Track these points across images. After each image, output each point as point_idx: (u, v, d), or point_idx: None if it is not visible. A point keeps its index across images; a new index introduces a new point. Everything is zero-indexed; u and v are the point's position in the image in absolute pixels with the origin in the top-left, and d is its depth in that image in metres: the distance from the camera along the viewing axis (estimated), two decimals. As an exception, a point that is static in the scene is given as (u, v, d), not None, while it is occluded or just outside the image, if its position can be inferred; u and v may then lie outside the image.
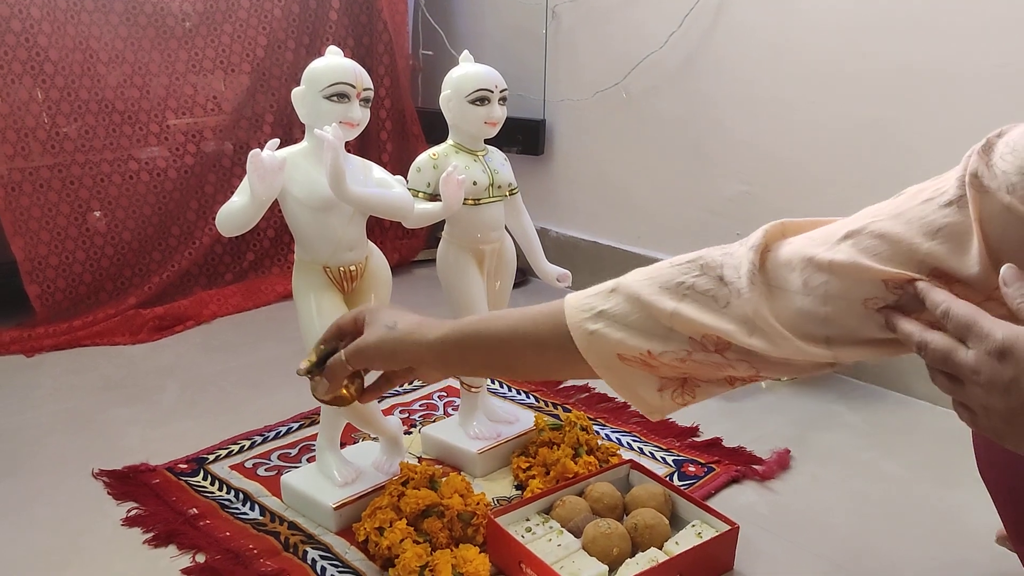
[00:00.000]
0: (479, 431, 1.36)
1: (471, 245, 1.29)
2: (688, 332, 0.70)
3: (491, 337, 0.81)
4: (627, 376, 0.75)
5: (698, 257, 0.72)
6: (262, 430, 1.46)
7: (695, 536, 1.10)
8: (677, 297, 0.70)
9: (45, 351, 1.82)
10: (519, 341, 0.79)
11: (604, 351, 0.74)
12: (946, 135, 1.51)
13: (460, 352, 0.82)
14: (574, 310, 0.76)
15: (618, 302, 0.74)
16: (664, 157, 1.98)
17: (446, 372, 0.87)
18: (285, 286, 2.17)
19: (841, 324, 0.65)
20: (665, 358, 0.71)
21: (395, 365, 0.87)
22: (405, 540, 1.07)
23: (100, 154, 1.95)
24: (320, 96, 1.09)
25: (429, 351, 0.82)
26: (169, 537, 1.16)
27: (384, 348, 0.83)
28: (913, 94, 1.54)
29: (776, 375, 0.72)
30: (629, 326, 0.72)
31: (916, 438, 1.48)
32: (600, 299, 0.75)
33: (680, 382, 0.75)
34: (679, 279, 0.71)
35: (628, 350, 0.73)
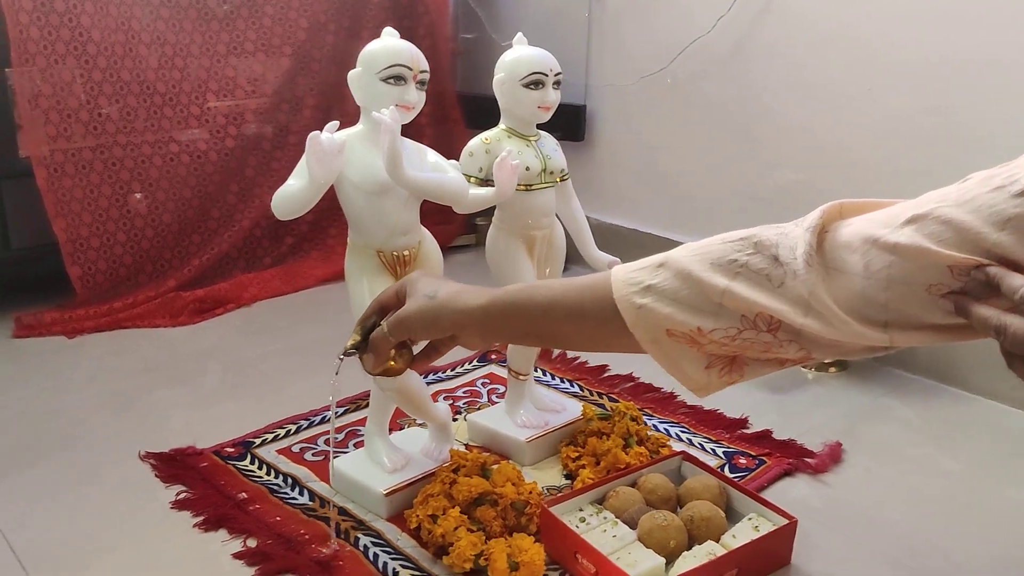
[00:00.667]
0: (527, 419, 1.35)
1: (522, 231, 1.27)
2: (739, 310, 0.69)
3: (534, 306, 0.79)
4: (674, 352, 0.74)
5: (751, 235, 0.71)
6: (307, 414, 1.46)
7: (752, 530, 1.08)
8: (729, 275, 0.69)
9: (86, 333, 1.82)
10: (562, 311, 0.78)
11: (652, 326, 0.72)
12: (1008, 125, 1.48)
13: (503, 320, 0.81)
14: (621, 283, 0.74)
15: (667, 277, 0.72)
16: (711, 144, 1.95)
17: (487, 340, 0.84)
18: (324, 270, 2.17)
19: (902, 309, 0.63)
20: (714, 336, 0.70)
21: (437, 334, 0.85)
22: (459, 528, 1.06)
23: (141, 136, 1.94)
24: (376, 78, 1.07)
25: (470, 319, 0.81)
26: (219, 521, 1.16)
27: (425, 317, 0.82)
28: (974, 82, 1.50)
29: (826, 356, 0.71)
30: (679, 302, 0.71)
31: (972, 433, 1.45)
32: (647, 273, 0.74)
33: (728, 360, 0.74)
34: (731, 256, 0.70)
35: (677, 326, 0.71)
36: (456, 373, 1.64)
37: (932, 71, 1.56)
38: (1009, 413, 1.51)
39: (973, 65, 1.50)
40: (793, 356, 0.71)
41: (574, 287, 0.78)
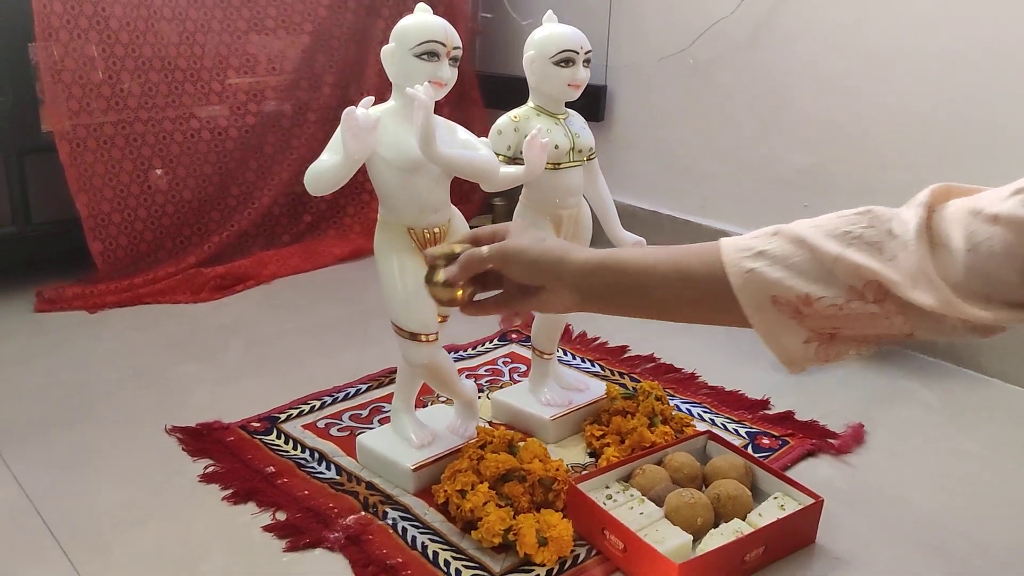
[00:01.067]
0: (551, 398, 1.35)
1: (549, 210, 1.28)
2: (850, 278, 0.68)
3: (636, 265, 0.77)
4: (775, 322, 0.72)
5: (867, 210, 0.71)
6: (331, 391, 1.46)
7: (778, 508, 1.09)
8: (843, 244, 0.69)
9: (108, 308, 1.83)
10: (666, 274, 0.76)
11: (759, 290, 0.71)
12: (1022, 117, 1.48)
13: (600, 277, 0.79)
14: (732, 248, 0.73)
15: (780, 244, 0.72)
16: (730, 126, 1.95)
17: (579, 299, 0.81)
18: (342, 248, 2.17)
19: (1004, 283, 0.63)
20: (821, 304, 0.70)
21: (532, 277, 0.82)
22: (488, 503, 1.06)
23: (162, 112, 1.94)
24: (410, 54, 1.07)
25: (570, 271, 0.79)
26: (248, 495, 1.17)
27: (530, 254, 0.80)
28: (990, 71, 1.50)
29: (928, 335, 0.70)
30: (790, 267, 0.70)
31: (991, 416, 1.45)
32: (761, 240, 0.73)
33: (827, 337, 0.73)
34: (846, 228, 0.70)
35: (785, 291, 0.70)
36: (477, 352, 1.64)
37: (949, 60, 1.55)
38: (1027, 396, 1.52)
39: (990, 54, 1.50)
40: (896, 331, 0.70)
41: (679, 250, 0.77)
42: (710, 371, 1.57)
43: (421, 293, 1.11)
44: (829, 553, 1.08)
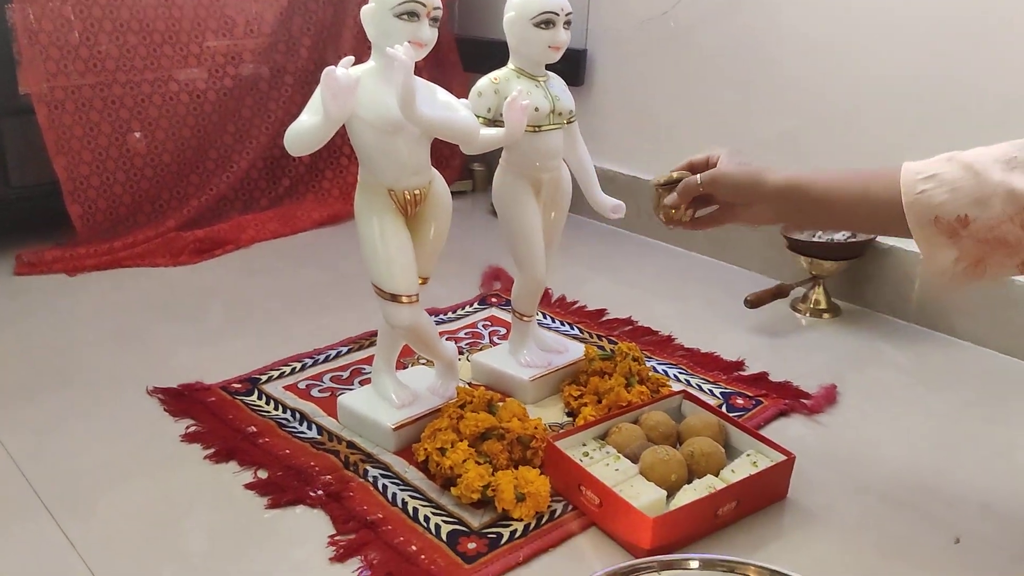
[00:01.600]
0: (530, 359, 1.37)
1: (529, 173, 1.28)
2: (1005, 204, 0.79)
3: (823, 188, 0.93)
4: (933, 239, 0.85)
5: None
6: (312, 353, 1.48)
7: (751, 465, 1.12)
8: (1008, 169, 0.80)
9: (87, 271, 1.83)
10: (850, 195, 0.91)
11: (925, 211, 0.84)
12: (1004, 80, 1.49)
13: (792, 197, 0.95)
14: (910, 172, 0.86)
15: (952, 168, 0.83)
16: (710, 91, 1.96)
17: (775, 214, 1.00)
18: (321, 212, 2.17)
19: None
20: (975, 226, 0.81)
21: (736, 197, 1.00)
22: (467, 460, 1.08)
23: (141, 74, 1.93)
24: (390, 14, 1.07)
25: (766, 192, 0.97)
26: (230, 454, 1.18)
27: (737, 179, 0.99)
28: (970, 37, 1.51)
29: None
30: (955, 190, 0.82)
31: (962, 376, 1.48)
32: (937, 164, 0.85)
33: (975, 260, 0.85)
34: (1014, 154, 0.81)
35: (946, 213, 0.83)
36: (458, 315, 1.66)
37: (929, 25, 1.56)
38: (996, 358, 1.55)
39: (970, 20, 1.51)
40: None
41: (861, 173, 0.91)
42: (687, 334, 1.59)
43: (402, 254, 1.13)
44: (800, 508, 1.11)
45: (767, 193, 0.97)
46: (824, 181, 0.93)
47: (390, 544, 1.00)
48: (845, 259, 1.67)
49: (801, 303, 1.73)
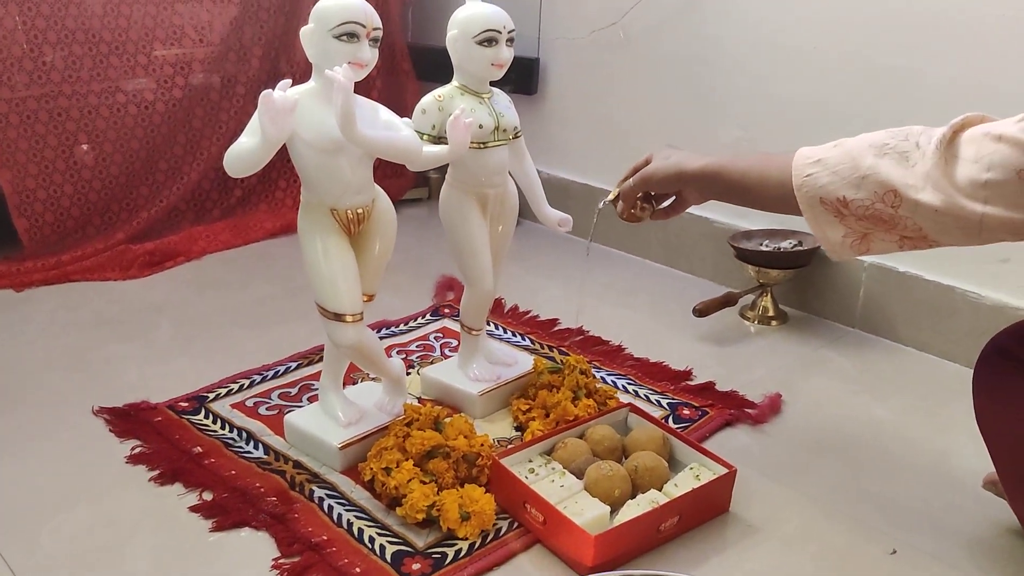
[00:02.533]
0: (479, 373, 1.38)
1: (475, 189, 1.29)
2: (875, 186, 0.88)
3: (734, 173, 1.04)
4: (821, 217, 0.95)
5: (910, 128, 0.90)
6: (260, 369, 1.47)
7: (693, 479, 1.13)
8: (879, 155, 0.89)
9: (35, 286, 1.81)
10: (756, 179, 1.01)
11: (811, 192, 0.94)
12: (942, 85, 1.52)
13: (711, 182, 1.07)
14: (802, 156, 0.96)
15: (836, 154, 0.93)
16: (661, 99, 1.97)
17: (703, 196, 1.12)
18: (273, 223, 2.16)
19: (999, 190, 0.80)
20: (854, 206, 0.90)
21: (669, 188, 1.13)
22: (412, 480, 1.09)
23: (87, 85, 1.91)
24: (329, 35, 1.06)
25: (688, 179, 1.09)
26: (175, 475, 1.18)
27: (660, 173, 1.10)
28: (918, 38, 1.54)
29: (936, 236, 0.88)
30: (836, 174, 0.91)
31: (905, 383, 1.51)
32: (825, 150, 0.94)
33: (861, 236, 0.94)
34: (886, 141, 0.90)
35: (828, 195, 0.92)
36: (409, 328, 1.66)
37: (877, 28, 1.59)
38: (937, 363, 1.58)
39: (912, 26, 1.54)
40: (912, 233, 0.89)
41: (765, 160, 1.01)
42: (637, 343, 1.61)
43: (345, 273, 1.13)
44: (742, 521, 1.13)
45: (689, 179, 1.08)
46: (738, 166, 1.03)
47: (334, 566, 1.01)
48: (792, 268, 1.69)
49: (749, 311, 1.75)
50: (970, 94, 1.50)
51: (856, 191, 0.90)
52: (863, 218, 0.91)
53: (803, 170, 0.94)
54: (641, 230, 2.04)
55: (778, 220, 1.79)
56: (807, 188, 0.94)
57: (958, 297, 1.56)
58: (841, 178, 0.91)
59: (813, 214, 0.95)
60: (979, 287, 1.55)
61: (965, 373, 1.51)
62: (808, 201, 0.94)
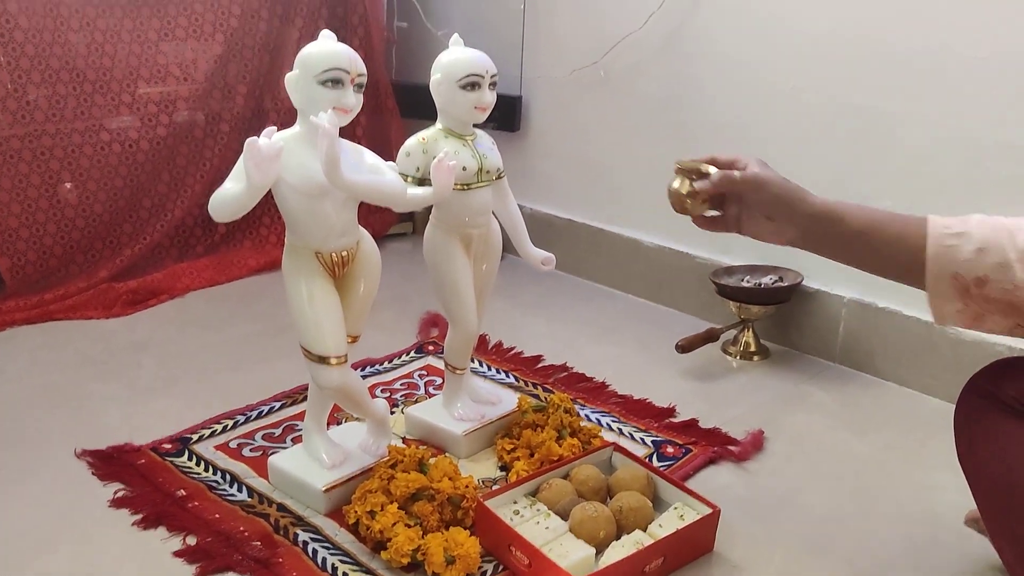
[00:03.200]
0: (463, 412, 1.38)
1: (459, 229, 1.30)
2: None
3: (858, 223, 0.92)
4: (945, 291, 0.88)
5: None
6: (244, 409, 1.47)
7: (678, 519, 1.14)
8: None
9: (17, 325, 1.80)
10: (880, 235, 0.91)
11: (946, 265, 0.86)
12: (919, 125, 1.55)
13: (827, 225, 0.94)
14: (938, 226, 0.88)
15: (983, 230, 0.85)
16: (642, 136, 2.00)
17: (800, 237, 0.96)
18: (257, 259, 2.16)
19: None
20: (990, 288, 0.84)
21: (769, 208, 0.96)
22: (397, 524, 1.09)
23: (71, 124, 1.91)
24: (314, 82, 1.08)
25: (803, 212, 0.94)
26: (158, 519, 1.17)
27: (775, 188, 0.95)
28: (894, 81, 1.57)
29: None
30: (982, 251, 0.84)
31: (886, 419, 1.53)
32: (966, 223, 0.87)
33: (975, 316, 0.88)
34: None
35: (966, 271, 0.85)
36: (394, 365, 1.66)
37: (854, 70, 1.62)
38: (919, 399, 1.60)
39: (888, 67, 1.57)
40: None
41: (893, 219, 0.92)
42: (620, 380, 1.62)
43: (330, 316, 1.14)
44: (726, 561, 1.13)
45: (804, 214, 0.95)
46: (862, 218, 0.93)
47: (319, 612, 1.00)
48: (772, 303, 1.71)
49: (732, 346, 1.77)
50: (944, 135, 1.53)
51: (1003, 273, 0.83)
52: (993, 300, 0.85)
53: (942, 239, 0.87)
54: (623, 264, 2.06)
55: (759, 255, 1.81)
56: (944, 259, 0.86)
57: (937, 333, 1.58)
58: (989, 257, 0.84)
59: (938, 287, 0.88)
60: (957, 322, 1.57)
61: (945, 408, 1.53)
62: (939, 273, 0.87)
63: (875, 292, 1.66)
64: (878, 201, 1.60)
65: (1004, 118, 1.46)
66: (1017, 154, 1.46)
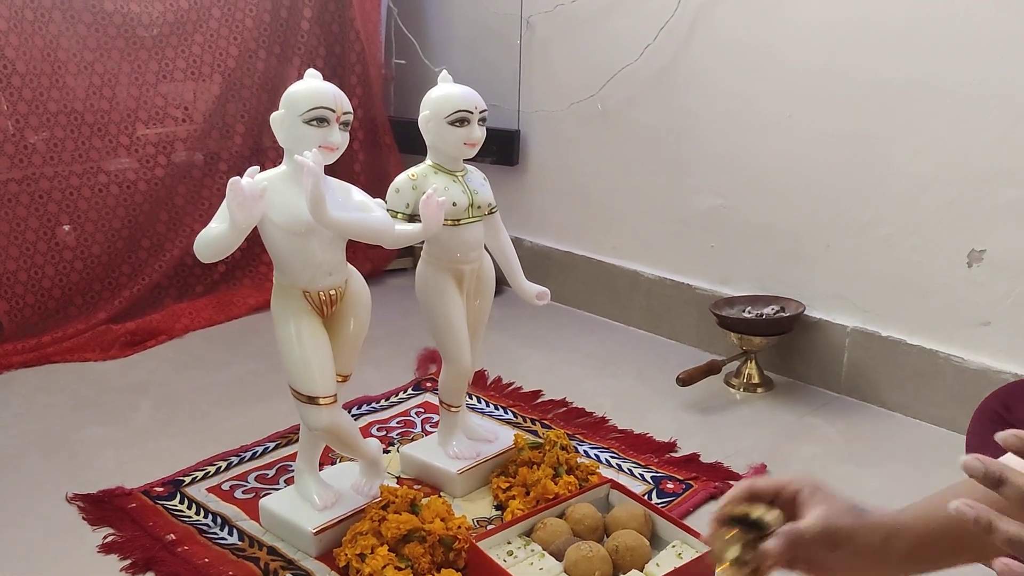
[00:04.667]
0: (459, 451, 1.36)
1: (451, 265, 1.29)
2: None
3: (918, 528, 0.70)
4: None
5: None
6: (238, 450, 1.45)
7: (676, 557, 1.11)
8: None
9: (14, 368, 1.79)
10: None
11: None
12: (917, 151, 1.54)
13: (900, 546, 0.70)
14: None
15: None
16: (639, 169, 1.99)
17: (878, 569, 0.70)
18: (256, 298, 2.15)
19: None
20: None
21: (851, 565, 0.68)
22: (387, 567, 1.07)
23: (69, 167, 1.92)
24: (299, 120, 1.08)
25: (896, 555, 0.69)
26: (147, 564, 1.16)
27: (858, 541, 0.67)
28: (890, 109, 1.56)
29: None
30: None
31: (891, 450, 1.50)
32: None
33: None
34: None
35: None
36: (391, 403, 1.64)
37: (846, 101, 1.61)
38: (925, 428, 1.57)
39: (885, 95, 1.56)
40: None
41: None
42: (620, 413, 1.59)
43: (319, 356, 1.12)
44: (726, 600, 1.10)
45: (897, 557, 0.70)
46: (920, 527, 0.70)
47: (306, 659, 0.98)
48: (775, 334, 1.68)
49: (735, 378, 1.74)
50: (943, 161, 1.51)
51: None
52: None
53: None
54: (622, 296, 2.05)
55: (760, 285, 1.80)
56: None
57: (941, 361, 1.56)
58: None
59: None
60: (962, 350, 1.54)
61: (951, 437, 1.51)
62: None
63: (879, 321, 1.64)
64: (877, 229, 1.60)
65: (1003, 142, 1.45)
66: (1017, 179, 1.44)
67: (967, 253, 1.52)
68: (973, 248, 1.51)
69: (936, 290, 1.57)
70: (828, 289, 1.71)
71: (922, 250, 1.57)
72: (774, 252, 1.78)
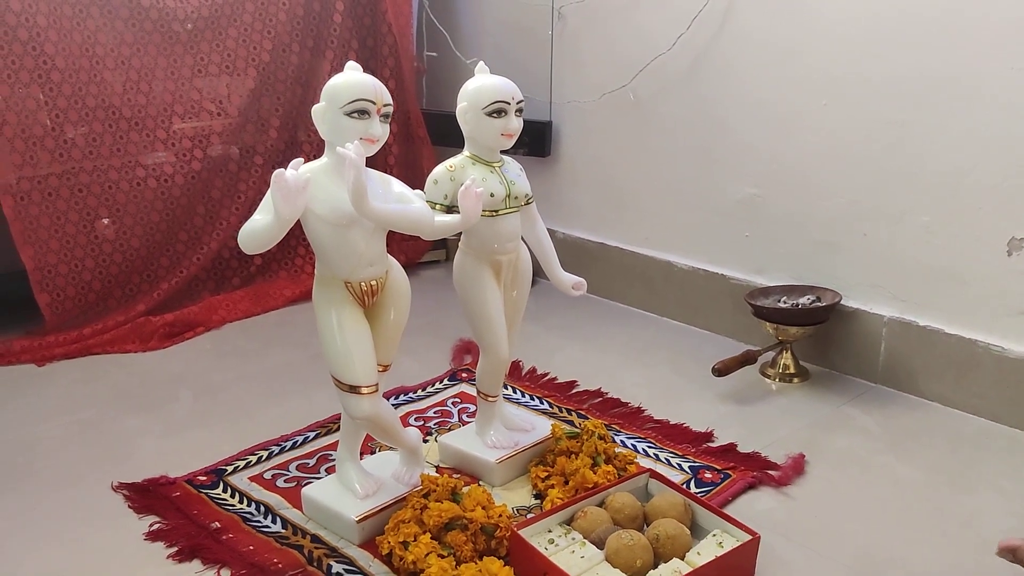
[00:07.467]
0: (497, 440, 1.37)
1: (488, 256, 1.30)
2: None
3: None
4: None
5: None
6: (279, 440, 1.47)
7: (716, 546, 1.11)
8: None
9: (56, 360, 1.82)
10: None
11: None
12: (956, 139, 1.52)
13: None
14: None
15: None
16: (671, 159, 1.98)
17: None
18: (293, 290, 2.18)
19: None
20: None
21: None
22: (430, 555, 1.08)
23: (107, 161, 1.95)
24: (341, 113, 1.08)
25: None
26: (193, 552, 1.17)
27: None
28: (928, 97, 1.55)
29: None
30: None
31: (929, 440, 1.49)
32: None
33: None
34: None
35: None
36: (427, 393, 1.66)
37: (883, 88, 1.60)
38: (964, 418, 1.56)
39: (922, 82, 1.55)
40: None
41: None
42: (656, 404, 1.60)
43: (360, 345, 1.13)
44: (767, 588, 1.11)
45: None
46: None
47: (352, 645, 0.99)
48: (810, 324, 1.68)
49: (770, 368, 1.74)
50: (977, 150, 1.50)
51: None
52: None
53: None
54: (657, 287, 2.04)
55: (795, 275, 1.79)
56: None
57: (980, 350, 1.54)
58: None
59: None
60: (1001, 340, 1.53)
61: (990, 427, 1.50)
62: None
63: (917, 310, 1.63)
64: (915, 217, 1.59)
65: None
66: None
67: (1007, 241, 1.50)
68: (1013, 236, 1.49)
69: (975, 279, 1.55)
70: (864, 278, 1.70)
71: (961, 238, 1.56)
72: (809, 241, 1.77)
